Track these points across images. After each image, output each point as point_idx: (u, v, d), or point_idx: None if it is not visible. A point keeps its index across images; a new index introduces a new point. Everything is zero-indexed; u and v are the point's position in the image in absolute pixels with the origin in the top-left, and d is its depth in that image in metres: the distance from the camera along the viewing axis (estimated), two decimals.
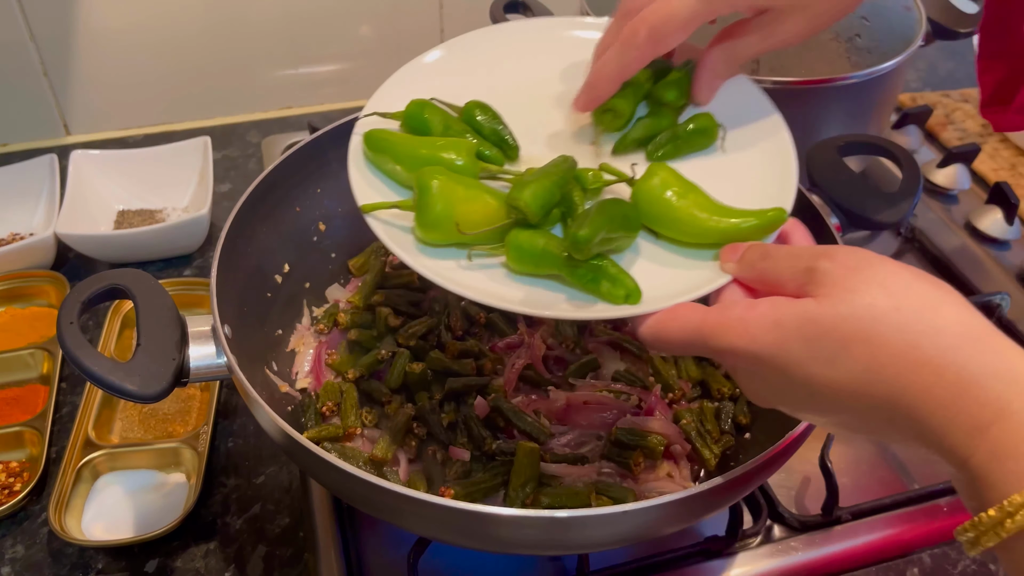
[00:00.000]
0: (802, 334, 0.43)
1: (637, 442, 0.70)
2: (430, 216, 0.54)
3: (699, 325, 0.47)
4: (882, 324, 0.41)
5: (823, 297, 0.43)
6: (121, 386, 0.56)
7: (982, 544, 0.39)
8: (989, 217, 1.03)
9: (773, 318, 0.44)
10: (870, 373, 0.41)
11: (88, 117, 1.20)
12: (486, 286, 0.54)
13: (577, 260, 0.51)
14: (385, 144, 0.59)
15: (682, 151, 0.61)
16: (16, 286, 0.93)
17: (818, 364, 0.42)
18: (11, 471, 0.77)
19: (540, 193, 0.53)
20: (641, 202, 0.55)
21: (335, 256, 0.86)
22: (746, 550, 0.71)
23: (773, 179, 0.59)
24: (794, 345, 0.43)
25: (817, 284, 0.44)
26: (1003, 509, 0.38)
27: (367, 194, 0.58)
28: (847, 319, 0.42)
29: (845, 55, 0.92)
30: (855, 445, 0.80)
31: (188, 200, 1.07)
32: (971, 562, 0.71)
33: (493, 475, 0.68)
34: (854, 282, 0.43)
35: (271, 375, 0.75)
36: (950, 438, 0.40)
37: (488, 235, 0.55)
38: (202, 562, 0.72)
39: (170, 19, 1.14)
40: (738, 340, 0.45)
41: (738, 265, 0.51)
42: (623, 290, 0.51)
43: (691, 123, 0.61)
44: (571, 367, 0.78)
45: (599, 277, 0.51)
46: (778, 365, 0.43)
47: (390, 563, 0.70)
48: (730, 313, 0.46)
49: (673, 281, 0.53)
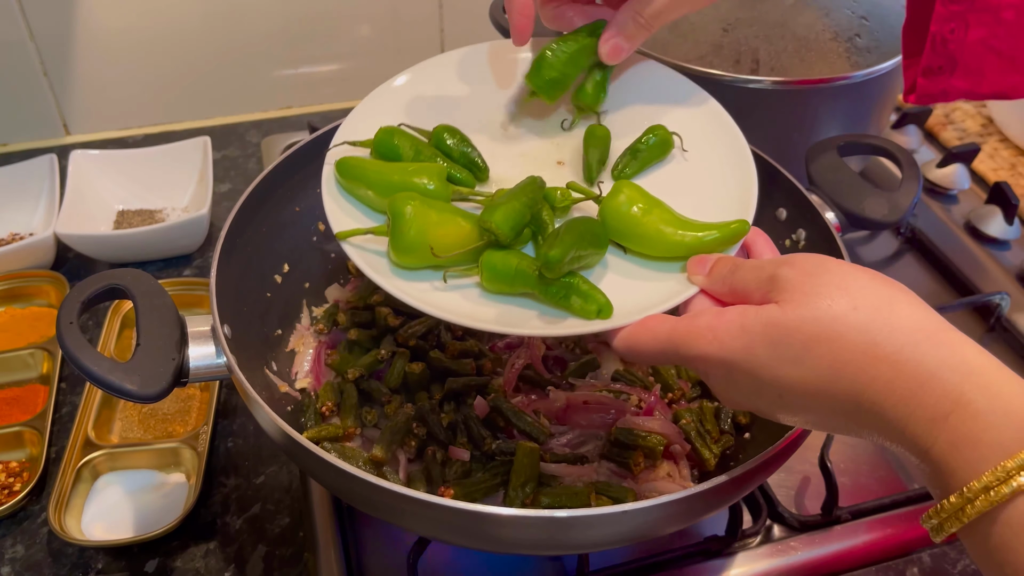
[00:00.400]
0: (767, 338, 0.45)
1: (637, 442, 0.70)
2: (404, 241, 0.55)
3: (670, 335, 0.49)
4: (841, 324, 0.43)
5: (785, 302, 0.45)
6: (121, 386, 0.56)
7: (946, 530, 0.41)
8: (989, 217, 1.03)
9: (740, 324, 0.46)
10: (833, 371, 0.43)
11: (88, 117, 1.20)
12: (460, 306, 0.55)
13: (549, 279, 0.53)
14: (357, 171, 0.60)
15: (644, 164, 0.63)
16: (16, 286, 0.93)
17: (784, 365, 0.45)
18: (11, 471, 0.77)
19: (511, 215, 0.55)
20: (608, 219, 0.57)
21: (335, 256, 0.86)
22: (746, 550, 0.71)
23: (735, 187, 0.61)
24: (760, 349, 0.45)
25: (780, 290, 0.46)
26: (963, 495, 0.40)
27: (342, 221, 0.59)
28: (808, 321, 0.44)
29: (845, 55, 0.92)
30: (855, 445, 0.80)
31: (188, 200, 1.07)
32: (971, 562, 0.71)
33: (493, 475, 0.68)
34: (813, 285, 0.45)
35: (271, 375, 0.75)
36: (911, 430, 0.42)
37: (461, 257, 0.56)
38: (202, 562, 0.72)
39: (170, 19, 1.14)
40: (708, 347, 0.47)
41: (708, 279, 0.53)
42: (595, 305, 0.53)
43: (646, 136, 0.63)
44: (571, 367, 0.78)
45: (571, 294, 0.53)
46: (747, 368, 0.46)
47: (390, 563, 0.70)
48: (699, 322, 0.48)
49: (643, 294, 0.55)
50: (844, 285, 0.45)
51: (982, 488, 0.39)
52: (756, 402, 0.48)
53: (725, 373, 0.47)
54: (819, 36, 0.93)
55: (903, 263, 1.01)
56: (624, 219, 0.56)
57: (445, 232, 0.55)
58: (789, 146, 0.63)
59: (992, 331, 0.93)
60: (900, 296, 0.45)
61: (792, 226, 0.75)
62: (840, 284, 0.45)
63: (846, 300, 0.44)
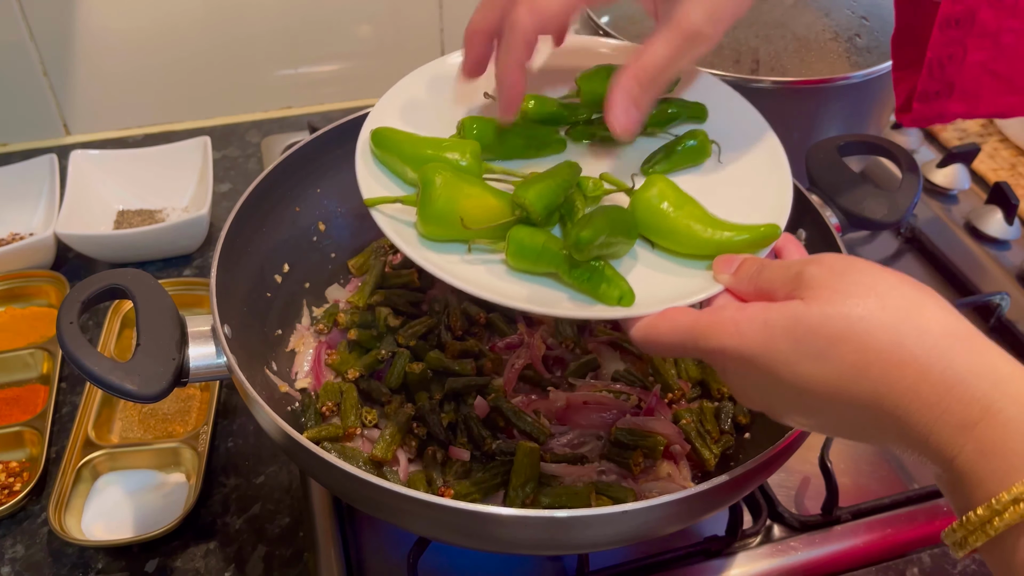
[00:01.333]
0: (790, 333, 0.44)
1: (637, 442, 0.70)
2: (432, 210, 0.55)
3: (691, 326, 0.48)
4: (868, 323, 0.42)
5: (811, 299, 0.44)
6: (121, 386, 0.56)
7: (970, 544, 0.40)
8: (989, 217, 1.03)
9: (763, 319, 0.45)
10: (856, 371, 0.42)
11: (88, 117, 1.20)
12: (488, 281, 0.54)
13: (576, 260, 0.52)
14: (391, 142, 0.60)
15: (677, 165, 0.63)
16: (16, 286, 0.93)
17: (806, 362, 0.43)
18: (11, 471, 0.77)
19: (545, 193, 0.55)
20: (639, 211, 0.56)
21: (335, 256, 0.86)
22: (746, 550, 0.71)
23: (768, 194, 0.60)
24: (782, 344, 0.44)
25: (806, 287, 0.45)
26: (991, 507, 0.38)
27: (372, 188, 0.59)
28: (834, 318, 0.43)
29: (845, 55, 0.92)
30: (855, 445, 0.80)
31: (188, 200, 1.07)
32: (971, 562, 0.71)
33: (493, 475, 0.68)
34: (841, 284, 0.44)
35: (271, 375, 0.75)
36: (935, 437, 0.41)
37: (490, 231, 0.56)
38: (202, 562, 0.72)
39: (170, 19, 1.14)
40: (729, 340, 0.46)
41: (734, 278, 0.52)
42: (617, 291, 0.52)
43: (685, 140, 0.62)
44: (571, 367, 0.78)
45: (595, 278, 0.53)
46: (766, 364, 0.45)
47: (390, 563, 0.70)
48: (721, 315, 0.47)
49: (666, 288, 0.54)
50: (872, 285, 0.43)
51: (1011, 500, 0.37)
52: (772, 400, 0.47)
53: (743, 368, 0.46)
54: (819, 36, 0.93)
55: (903, 263, 1.01)
56: (655, 213, 0.56)
57: (474, 205, 0.55)
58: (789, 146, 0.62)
59: (992, 331, 0.93)
60: (929, 300, 0.43)
61: (792, 226, 0.75)
62: (869, 284, 0.44)
63: (874, 300, 0.43)
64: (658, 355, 0.78)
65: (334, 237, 0.85)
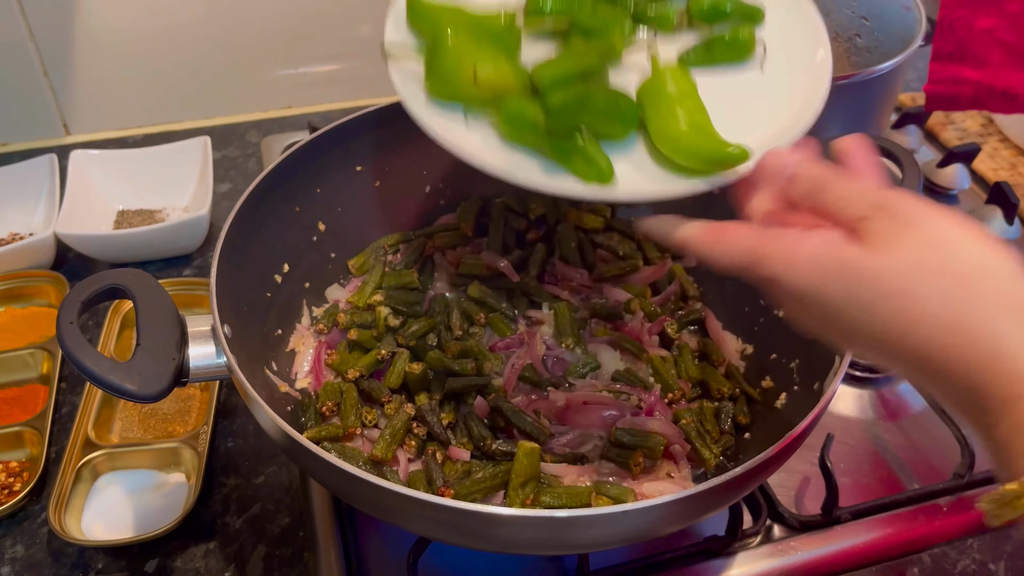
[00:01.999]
0: (843, 278, 0.43)
1: (637, 442, 0.70)
2: (438, 67, 0.55)
3: (748, 250, 0.48)
4: (924, 285, 0.42)
5: (871, 247, 0.43)
6: (121, 386, 0.56)
7: (1003, 516, 0.40)
8: (989, 217, 1.03)
9: (818, 257, 0.44)
10: (906, 327, 0.42)
11: (88, 117, 1.20)
12: (474, 145, 0.55)
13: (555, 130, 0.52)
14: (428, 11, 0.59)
15: (714, 60, 0.60)
16: (16, 286, 0.93)
17: (854, 310, 0.43)
18: (11, 471, 0.77)
19: (561, 77, 0.54)
20: (639, 95, 0.55)
21: (335, 256, 0.86)
22: (746, 550, 0.71)
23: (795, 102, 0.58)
24: (834, 287, 0.44)
25: (867, 232, 0.44)
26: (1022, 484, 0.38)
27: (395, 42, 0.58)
28: (889, 273, 0.42)
29: (845, 55, 0.92)
30: (855, 445, 0.80)
31: (188, 200, 1.07)
32: (971, 562, 0.71)
33: (493, 475, 0.68)
34: (904, 236, 0.43)
35: (271, 375, 0.75)
36: (975, 404, 0.41)
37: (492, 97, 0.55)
38: (202, 562, 0.72)
39: (170, 19, 1.14)
40: (783, 273, 0.46)
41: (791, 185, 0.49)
42: (595, 170, 0.52)
43: (730, 34, 0.59)
44: (571, 367, 0.78)
45: (576, 153, 0.52)
46: (816, 303, 0.45)
47: (390, 563, 0.70)
48: (777, 244, 0.46)
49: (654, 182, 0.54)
50: (938, 245, 0.42)
51: None
52: (824, 333, 0.47)
53: (796, 300, 0.46)
54: None
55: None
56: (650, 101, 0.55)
57: (483, 67, 0.54)
58: None
59: None
60: (998, 265, 0.42)
61: None
62: (934, 244, 0.42)
63: (937, 260, 0.42)
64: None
65: (334, 237, 0.85)
